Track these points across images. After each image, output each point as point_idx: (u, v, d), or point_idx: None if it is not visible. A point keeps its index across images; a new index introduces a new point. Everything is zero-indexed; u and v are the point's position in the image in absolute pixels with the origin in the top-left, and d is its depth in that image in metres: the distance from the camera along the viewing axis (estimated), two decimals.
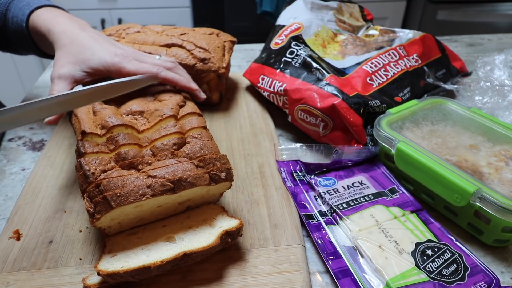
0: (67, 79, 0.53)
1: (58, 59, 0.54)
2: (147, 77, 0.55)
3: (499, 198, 0.44)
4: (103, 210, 0.40)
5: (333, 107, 0.60)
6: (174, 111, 0.51)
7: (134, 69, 0.55)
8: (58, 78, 0.53)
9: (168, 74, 0.57)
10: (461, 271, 0.43)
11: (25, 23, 0.61)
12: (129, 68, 0.55)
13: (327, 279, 0.45)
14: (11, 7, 0.64)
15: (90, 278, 0.41)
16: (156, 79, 0.56)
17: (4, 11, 0.64)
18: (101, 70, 0.55)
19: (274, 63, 0.73)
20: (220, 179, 0.45)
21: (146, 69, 0.56)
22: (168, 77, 0.56)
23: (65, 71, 0.53)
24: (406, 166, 0.53)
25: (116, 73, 0.55)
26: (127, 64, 0.55)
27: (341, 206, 0.51)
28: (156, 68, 0.56)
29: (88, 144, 0.45)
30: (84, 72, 0.54)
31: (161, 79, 0.56)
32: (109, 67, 0.55)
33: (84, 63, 0.54)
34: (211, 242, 0.42)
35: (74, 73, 0.53)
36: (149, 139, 0.48)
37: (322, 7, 0.84)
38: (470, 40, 1.15)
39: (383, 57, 0.71)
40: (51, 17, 0.60)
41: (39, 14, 0.61)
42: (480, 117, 0.60)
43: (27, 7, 0.62)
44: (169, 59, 0.61)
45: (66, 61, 0.54)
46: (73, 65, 0.54)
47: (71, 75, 0.53)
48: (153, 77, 0.56)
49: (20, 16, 0.62)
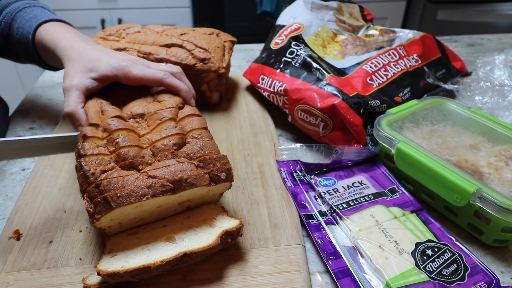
0: (79, 89, 0.54)
1: (68, 71, 0.56)
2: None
3: (499, 198, 0.44)
4: (103, 211, 0.40)
5: (333, 107, 0.60)
6: (173, 114, 0.51)
7: (141, 74, 0.56)
8: (70, 88, 0.54)
9: (174, 81, 0.58)
10: (461, 271, 0.43)
11: (31, 36, 0.63)
12: (136, 72, 0.56)
13: (327, 279, 0.45)
14: (17, 17, 0.65)
15: (90, 278, 0.41)
16: (161, 85, 0.57)
17: (10, 21, 0.66)
18: (109, 75, 0.56)
19: (274, 63, 0.73)
20: (220, 180, 0.45)
21: (152, 74, 0.57)
22: (173, 84, 0.57)
23: (76, 81, 0.55)
24: (406, 166, 0.53)
25: (124, 77, 0.56)
26: (134, 68, 0.56)
27: (341, 206, 0.51)
28: (163, 73, 0.57)
29: (88, 146, 0.45)
30: (94, 79, 0.56)
31: (166, 85, 0.57)
32: (117, 72, 0.56)
33: (93, 71, 0.55)
34: (211, 242, 0.42)
35: (85, 81, 0.55)
36: (150, 141, 0.48)
37: (322, 7, 0.84)
38: (470, 40, 1.15)
39: (383, 57, 0.71)
40: (58, 33, 0.62)
41: (46, 29, 0.63)
42: (480, 117, 0.60)
43: (34, 20, 0.64)
44: (175, 66, 0.62)
45: (76, 72, 0.55)
46: (83, 74, 0.55)
47: (82, 85, 0.55)
48: (158, 83, 0.57)
49: (27, 28, 0.64)
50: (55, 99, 0.81)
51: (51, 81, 0.87)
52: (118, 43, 0.71)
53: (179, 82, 0.58)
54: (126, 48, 0.70)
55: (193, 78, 0.66)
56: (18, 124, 0.73)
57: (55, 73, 0.90)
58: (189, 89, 0.59)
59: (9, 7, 0.67)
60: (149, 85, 0.58)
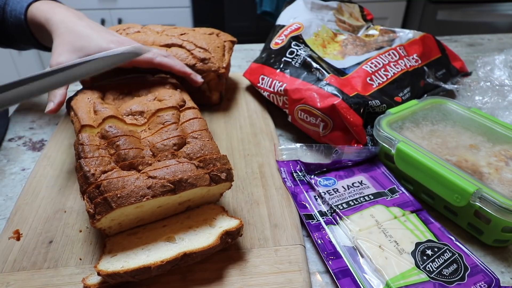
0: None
1: (56, 48, 0.56)
2: (131, 53, 0.52)
3: (499, 198, 0.44)
4: (103, 211, 0.40)
5: (333, 107, 0.60)
6: (175, 118, 0.51)
7: None
8: (57, 66, 0.53)
9: (163, 59, 0.58)
10: (461, 271, 0.43)
11: (23, 15, 0.63)
12: None
13: (327, 279, 0.45)
14: (9, 1, 0.65)
15: (90, 278, 0.41)
16: (152, 65, 0.57)
17: (3, 5, 0.66)
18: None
19: (274, 63, 0.73)
20: (220, 180, 0.45)
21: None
22: (163, 62, 0.57)
23: (63, 59, 0.54)
24: (406, 166, 0.53)
25: None
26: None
27: (341, 206, 0.51)
28: (151, 53, 0.57)
29: (88, 148, 0.45)
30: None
31: (156, 64, 0.57)
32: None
33: (81, 50, 0.55)
34: (211, 242, 0.42)
35: (72, 60, 0.54)
36: (150, 143, 0.48)
37: (322, 7, 0.84)
38: (470, 40, 1.15)
39: (383, 57, 0.71)
40: (48, 8, 0.61)
41: (37, 6, 0.63)
42: (480, 117, 0.60)
43: (25, 1, 0.64)
44: (162, 51, 0.62)
45: (64, 49, 0.55)
46: (71, 53, 0.55)
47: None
48: (149, 63, 0.56)
49: (19, 9, 0.64)
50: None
51: None
52: None
53: (168, 59, 0.58)
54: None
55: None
56: (18, 124, 0.73)
57: None
58: (182, 65, 0.59)
59: None
60: (140, 67, 0.57)
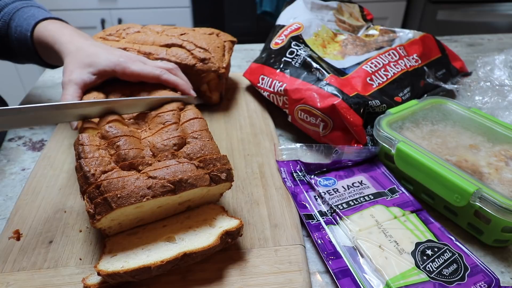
0: (78, 83, 0.55)
1: (67, 66, 0.57)
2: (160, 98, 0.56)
3: (499, 198, 0.44)
4: (103, 211, 0.40)
5: (333, 107, 0.60)
6: (175, 118, 0.51)
7: (138, 70, 0.57)
8: (69, 83, 0.55)
9: (170, 77, 0.59)
10: (461, 271, 0.43)
11: (30, 33, 0.64)
12: (133, 68, 0.57)
13: (327, 279, 0.45)
14: (15, 17, 0.66)
15: (90, 278, 0.41)
16: (159, 81, 0.59)
17: (8, 21, 0.67)
18: (107, 70, 0.57)
19: (274, 63, 0.73)
20: (220, 180, 0.45)
21: (150, 70, 0.58)
22: (170, 80, 0.59)
23: (75, 76, 0.55)
24: (406, 166, 0.53)
25: (121, 73, 0.57)
26: (131, 64, 0.58)
27: (341, 206, 0.51)
28: (159, 70, 0.59)
29: (88, 148, 0.45)
30: (92, 74, 0.57)
31: (163, 81, 0.58)
32: (115, 67, 0.57)
33: (91, 66, 0.56)
34: (211, 242, 0.42)
35: (83, 76, 0.56)
36: (151, 143, 0.48)
37: (322, 7, 0.84)
38: (470, 40, 1.15)
39: (383, 57, 0.71)
40: (56, 29, 0.63)
41: (44, 25, 0.64)
42: (480, 117, 0.60)
43: (32, 18, 0.65)
44: (170, 63, 0.64)
45: (74, 67, 0.56)
46: (82, 69, 0.56)
47: (81, 79, 0.55)
48: (156, 79, 0.58)
49: (25, 26, 0.64)
50: (55, 99, 0.81)
51: (51, 81, 0.87)
52: (118, 43, 0.72)
53: (175, 77, 0.60)
54: (126, 48, 0.70)
55: (193, 78, 0.66)
56: None
57: (55, 74, 0.90)
58: (186, 83, 0.60)
59: (7, 7, 0.67)
60: (146, 81, 0.59)
